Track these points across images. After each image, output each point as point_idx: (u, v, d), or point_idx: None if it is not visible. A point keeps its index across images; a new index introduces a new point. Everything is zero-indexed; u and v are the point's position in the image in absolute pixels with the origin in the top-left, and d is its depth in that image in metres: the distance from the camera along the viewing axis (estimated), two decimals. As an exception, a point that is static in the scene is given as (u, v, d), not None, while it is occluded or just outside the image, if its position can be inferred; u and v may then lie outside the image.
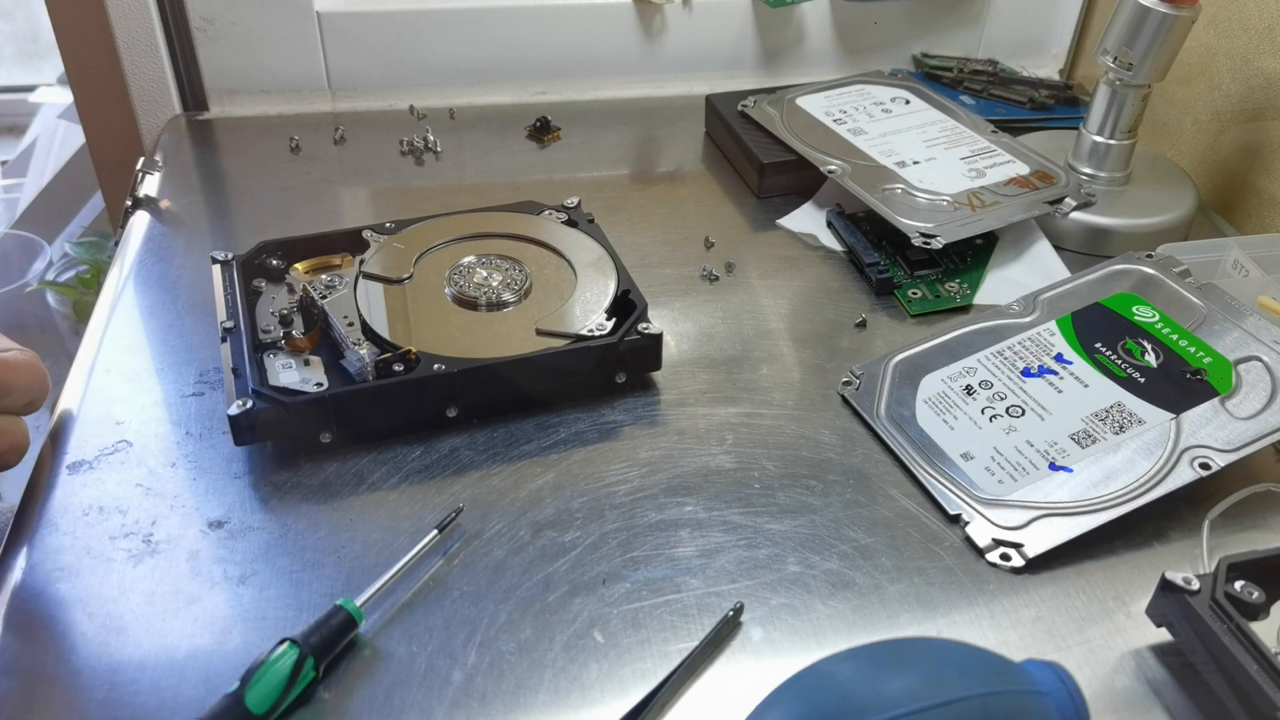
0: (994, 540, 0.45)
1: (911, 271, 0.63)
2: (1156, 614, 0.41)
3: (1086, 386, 0.51)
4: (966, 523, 0.46)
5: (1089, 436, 0.49)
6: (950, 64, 0.85)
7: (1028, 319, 0.56)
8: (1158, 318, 0.54)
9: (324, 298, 0.52)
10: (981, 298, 0.61)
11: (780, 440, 0.51)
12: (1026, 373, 0.52)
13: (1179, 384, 0.50)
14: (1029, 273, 0.63)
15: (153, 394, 0.51)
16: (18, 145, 1.51)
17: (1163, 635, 0.41)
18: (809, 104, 0.76)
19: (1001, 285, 0.62)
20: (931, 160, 0.69)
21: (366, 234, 0.57)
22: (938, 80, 0.84)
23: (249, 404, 0.45)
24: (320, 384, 0.48)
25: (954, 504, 0.47)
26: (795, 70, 0.86)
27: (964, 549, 0.45)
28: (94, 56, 0.75)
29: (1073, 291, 0.57)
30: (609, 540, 0.45)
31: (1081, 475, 0.47)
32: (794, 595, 0.43)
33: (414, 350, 0.49)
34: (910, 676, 0.32)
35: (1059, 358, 0.53)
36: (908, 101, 0.77)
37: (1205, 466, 0.46)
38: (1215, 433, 0.47)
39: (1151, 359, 0.52)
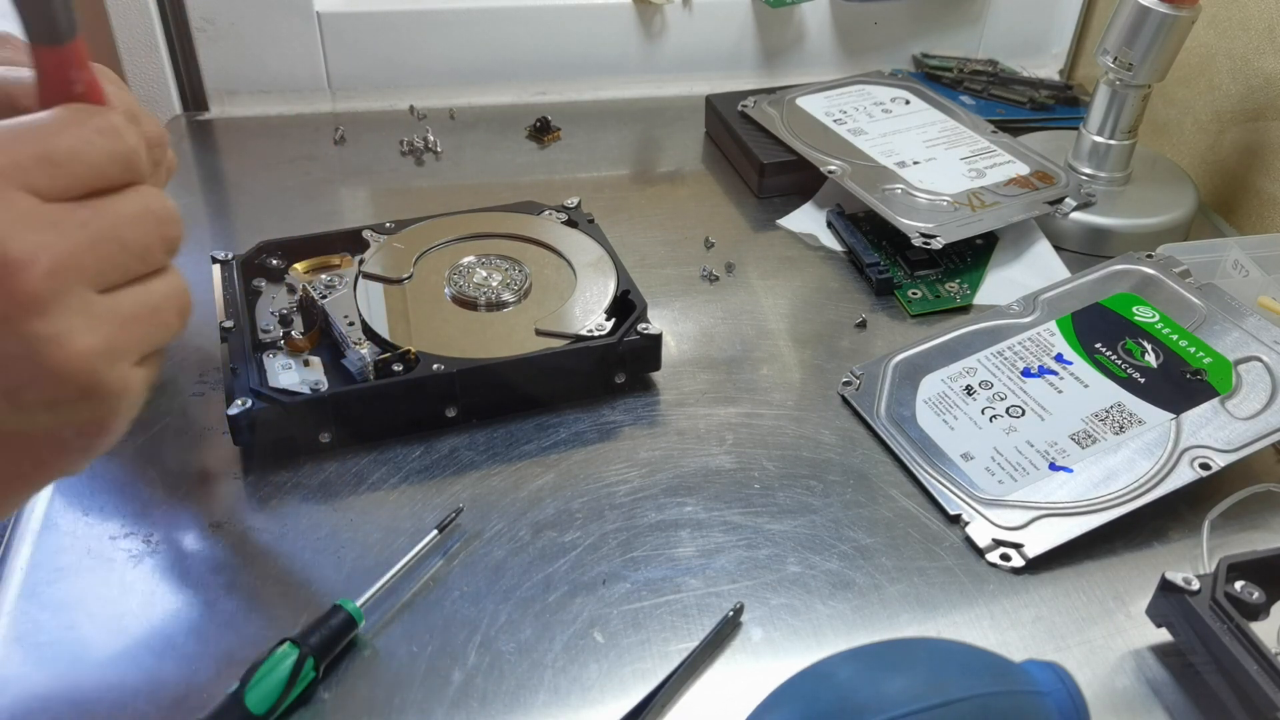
0: (994, 540, 0.45)
1: (911, 272, 0.63)
2: (1156, 614, 0.41)
3: (1086, 387, 0.51)
4: (966, 523, 0.46)
5: (1089, 437, 0.49)
6: (950, 64, 0.85)
7: (1028, 319, 0.56)
8: (1158, 318, 0.54)
9: (324, 298, 0.52)
10: (981, 298, 0.61)
11: (780, 440, 0.51)
12: (1026, 373, 0.52)
13: (1179, 384, 0.50)
14: (1029, 273, 0.63)
15: (152, 394, 0.51)
16: (18, 145, 1.51)
17: (1163, 635, 0.41)
18: (809, 104, 0.76)
19: (1001, 285, 0.62)
20: (931, 160, 0.69)
21: (366, 234, 0.57)
22: (938, 80, 0.84)
23: (248, 404, 0.45)
24: (320, 384, 0.48)
25: (954, 504, 0.47)
26: (795, 70, 0.86)
27: (964, 549, 0.45)
28: (94, 56, 0.74)
29: (1073, 291, 0.57)
30: (609, 540, 0.45)
31: (1081, 475, 0.47)
32: (794, 595, 0.43)
33: (414, 350, 0.49)
34: (910, 677, 0.32)
35: (1059, 358, 0.53)
36: (908, 102, 0.76)
37: (1205, 466, 0.46)
38: (1215, 433, 0.47)
39: (1151, 359, 0.52)
